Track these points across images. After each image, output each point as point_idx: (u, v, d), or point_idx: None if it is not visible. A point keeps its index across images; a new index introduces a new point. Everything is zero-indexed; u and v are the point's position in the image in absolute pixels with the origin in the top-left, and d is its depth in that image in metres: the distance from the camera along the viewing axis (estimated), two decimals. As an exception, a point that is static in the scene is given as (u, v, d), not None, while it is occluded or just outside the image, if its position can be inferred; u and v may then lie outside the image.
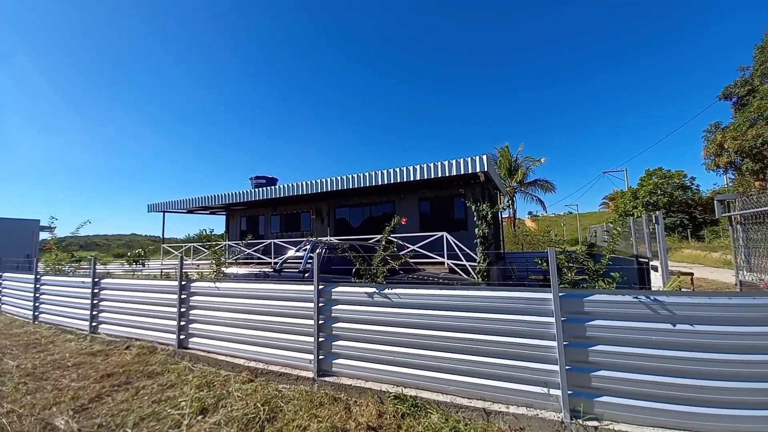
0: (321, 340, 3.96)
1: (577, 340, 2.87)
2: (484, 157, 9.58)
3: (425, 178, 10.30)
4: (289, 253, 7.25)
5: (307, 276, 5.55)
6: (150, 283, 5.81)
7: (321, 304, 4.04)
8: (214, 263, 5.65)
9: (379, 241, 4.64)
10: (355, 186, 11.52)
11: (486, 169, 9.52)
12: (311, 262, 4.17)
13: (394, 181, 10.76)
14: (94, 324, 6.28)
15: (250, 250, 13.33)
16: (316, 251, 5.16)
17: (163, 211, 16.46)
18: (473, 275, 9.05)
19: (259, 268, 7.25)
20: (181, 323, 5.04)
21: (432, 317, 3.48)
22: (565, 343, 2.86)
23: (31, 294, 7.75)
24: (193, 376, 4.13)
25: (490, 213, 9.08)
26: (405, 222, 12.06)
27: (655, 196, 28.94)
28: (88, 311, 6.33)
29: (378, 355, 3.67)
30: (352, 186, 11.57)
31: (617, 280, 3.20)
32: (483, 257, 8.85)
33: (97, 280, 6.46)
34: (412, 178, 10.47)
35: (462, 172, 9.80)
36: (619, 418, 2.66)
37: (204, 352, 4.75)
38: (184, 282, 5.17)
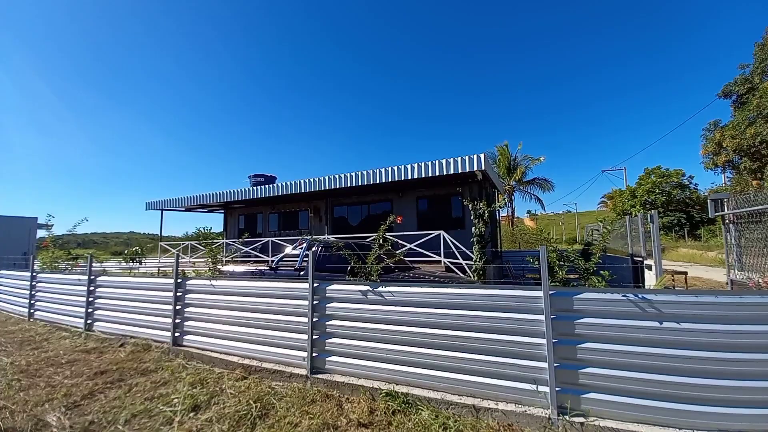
0: (315, 337, 3.98)
1: (566, 337, 2.89)
2: (482, 156, 9.59)
3: (423, 176, 10.31)
4: (286, 251, 7.26)
5: (302, 274, 5.56)
6: (145, 281, 5.82)
7: (315, 302, 4.06)
8: (210, 261, 5.65)
9: (376, 240, 4.66)
10: (353, 184, 11.52)
11: (483, 167, 9.52)
12: (307, 260, 4.19)
13: (391, 180, 10.77)
14: (89, 322, 6.29)
15: (247, 248, 13.34)
16: (312, 249, 5.18)
17: (161, 209, 16.48)
18: (469, 274, 9.08)
19: (256, 267, 7.27)
20: (176, 321, 5.06)
21: (425, 315, 3.50)
22: (554, 341, 2.88)
23: (27, 291, 7.75)
24: (187, 374, 4.15)
25: (486, 212, 9.10)
26: (401, 221, 12.08)
27: (654, 194, 29.00)
28: (83, 309, 6.35)
29: (371, 352, 3.69)
30: (350, 184, 11.57)
31: (607, 279, 3.22)
32: (479, 256, 8.87)
33: (92, 277, 6.47)
34: (409, 177, 10.47)
35: (459, 171, 9.81)
36: (605, 414, 2.68)
37: (198, 349, 4.77)
38: (179, 280, 5.18)
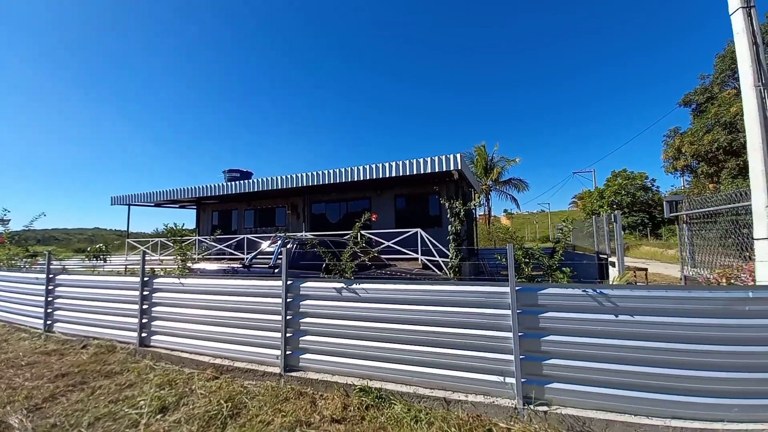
0: (288, 335, 3.96)
1: (531, 331, 3.03)
2: (458, 156, 9.79)
3: (401, 175, 10.40)
4: (260, 248, 7.13)
5: (277, 272, 5.50)
6: (109, 279, 5.56)
7: (289, 300, 4.03)
8: (179, 259, 5.48)
9: (355, 237, 4.68)
10: (332, 181, 11.45)
11: (459, 167, 9.72)
12: (281, 257, 4.14)
13: (370, 177, 10.79)
14: (49, 322, 5.96)
15: (221, 245, 12.97)
16: (287, 246, 5.12)
17: (128, 204, 15.72)
18: (446, 271, 9.27)
19: (229, 264, 7.10)
20: (143, 321, 4.87)
21: (398, 311, 3.55)
22: (520, 334, 3.01)
23: (-21, 291, 7.22)
24: (155, 375, 4.01)
25: (462, 210, 9.30)
26: (375, 218, 12.12)
27: (620, 196, 30.55)
28: (42, 309, 5.99)
29: (345, 349, 3.71)
30: (329, 181, 11.49)
31: (569, 275, 3.39)
32: (455, 253, 9.06)
33: (51, 276, 6.13)
34: (387, 175, 10.53)
35: (437, 170, 9.97)
36: (567, 402, 2.84)
37: (167, 350, 4.62)
38: (146, 278, 4.99)
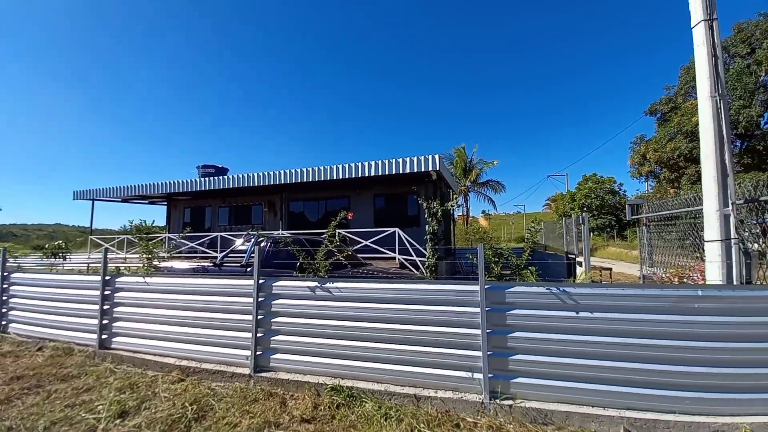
0: (259, 335, 3.88)
1: (499, 327, 3.12)
2: (437, 157, 9.92)
3: (379, 174, 10.42)
4: (233, 246, 6.95)
5: (249, 270, 5.37)
6: (68, 279, 5.26)
7: (261, 299, 3.95)
8: (144, 257, 5.24)
9: (331, 236, 4.64)
10: (310, 180, 11.33)
11: (438, 168, 9.86)
12: (255, 256, 4.05)
13: (348, 176, 10.75)
14: (4, 323, 5.60)
15: (193, 243, 12.53)
16: (261, 245, 5.01)
17: (92, 199, 14.88)
18: (423, 270, 9.37)
19: (198, 263, 6.87)
20: (104, 321, 4.63)
21: (372, 310, 3.56)
22: (488, 331, 3.10)
23: None
24: (115, 378, 3.83)
25: (440, 210, 9.44)
26: (351, 216, 12.10)
27: (590, 199, 32.02)
28: (-8, 310, 5.59)
29: (317, 348, 3.68)
30: (307, 179, 11.36)
31: (535, 273, 3.52)
32: (432, 253, 9.19)
33: (6, 274, 5.76)
34: (366, 174, 10.52)
35: (415, 170, 10.06)
36: (530, 396, 2.95)
37: (129, 352, 4.42)
38: (108, 277, 4.75)
